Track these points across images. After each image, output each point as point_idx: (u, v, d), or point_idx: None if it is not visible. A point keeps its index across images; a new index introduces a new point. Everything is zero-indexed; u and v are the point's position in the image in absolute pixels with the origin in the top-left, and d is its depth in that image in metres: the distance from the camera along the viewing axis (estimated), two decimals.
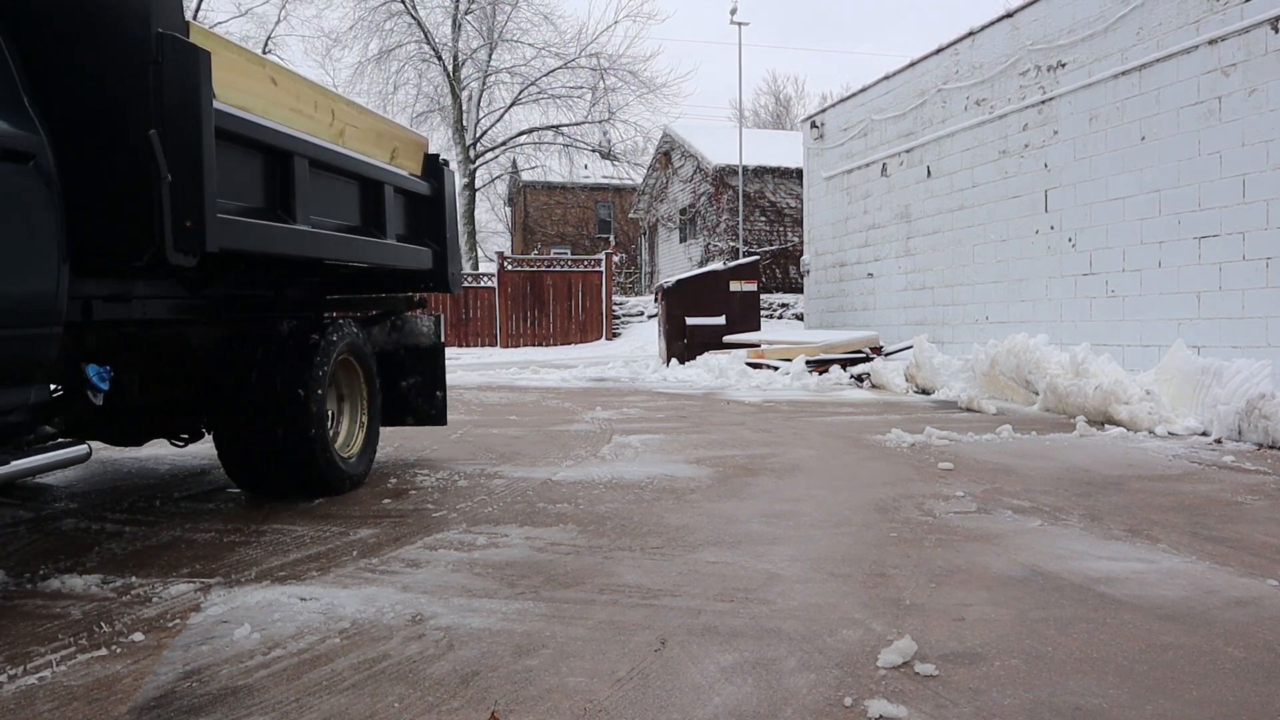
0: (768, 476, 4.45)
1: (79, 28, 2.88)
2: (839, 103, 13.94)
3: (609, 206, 36.45)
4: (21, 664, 2.10)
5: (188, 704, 1.88)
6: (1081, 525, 3.39)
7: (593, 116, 24.83)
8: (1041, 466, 4.66)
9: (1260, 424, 5.27)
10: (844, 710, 1.84)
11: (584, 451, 5.30)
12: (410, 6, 23.74)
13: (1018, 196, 9.82)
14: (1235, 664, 2.06)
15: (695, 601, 2.51)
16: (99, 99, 2.86)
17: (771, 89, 58.46)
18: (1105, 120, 8.58)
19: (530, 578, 2.74)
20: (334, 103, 4.08)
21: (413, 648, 2.18)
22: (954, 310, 11.00)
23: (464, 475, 4.48)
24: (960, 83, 10.77)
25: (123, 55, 2.85)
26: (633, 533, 3.30)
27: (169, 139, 2.84)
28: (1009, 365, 7.65)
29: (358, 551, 3.07)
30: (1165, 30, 7.89)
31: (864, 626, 2.31)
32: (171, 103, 2.87)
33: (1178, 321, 7.77)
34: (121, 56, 2.85)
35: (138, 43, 2.84)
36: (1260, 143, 7.01)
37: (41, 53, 2.83)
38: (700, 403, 8.29)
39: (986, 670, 2.03)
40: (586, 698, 1.90)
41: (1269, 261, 6.97)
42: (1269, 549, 3.04)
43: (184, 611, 2.46)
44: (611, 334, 20.74)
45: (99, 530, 3.45)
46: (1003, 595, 2.56)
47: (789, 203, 22.35)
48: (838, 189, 13.78)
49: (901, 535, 3.26)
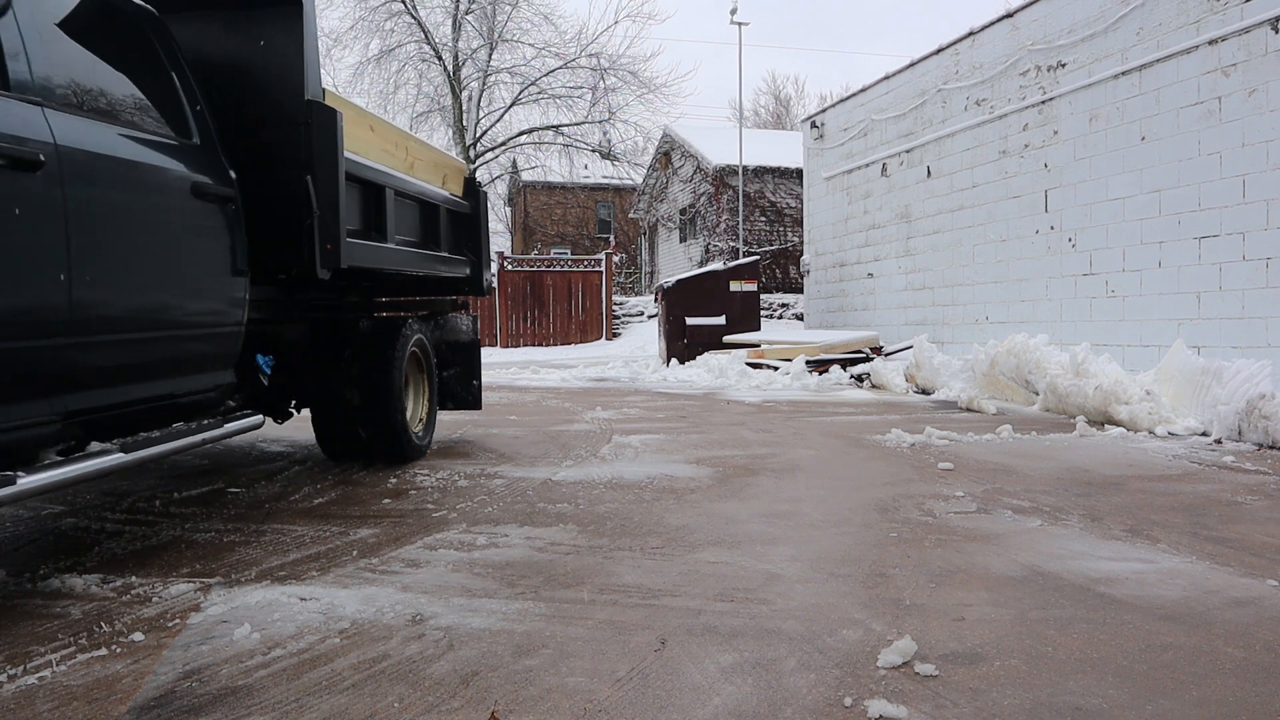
0: (768, 476, 4.45)
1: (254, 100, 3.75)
2: (839, 103, 13.94)
3: (609, 206, 36.45)
4: (21, 664, 2.10)
5: (188, 704, 1.88)
6: (1081, 525, 3.39)
7: (593, 116, 24.81)
8: (1041, 466, 4.66)
9: (1260, 424, 5.27)
10: (844, 710, 1.84)
11: (584, 451, 5.30)
12: (410, 6, 23.73)
13: (1018, 196, 9.82)
14: (1235, 664, 2.06)
15: (695, 601, 2.51)
16: (267, 153, 3.71)
17: (771, 89, 58.46)
18: (1105, 120, 8.58)
19: (530, 578, 2.74)
20: (408, 141, 4.99)
21: (413, 648, 2.18)
22: (954, 310, 11.00)
23: (464, 475, 4.48)
24: (960, 83, 10.77)
25: (285, 119, 3.73)
26: (633, 533, 3.30)
27: (316, 182, 3.70)
28: (1009, 365, 7.65)
29: (358, 551, 3.07)
30: (1165, 30, 7.89)
31: (864, 626, 2.31)
32: (318, 153, 3.72)
33: (1178, 322, 7.77)
34: (284, 120, 3.73)
35: (294, 110, 3.72)
36: (1260, 143, 7.01)
37: (229, 120, 3.65)
38: (700, 403, 8.29)
39: (986, 670, 2.03)
40: (586, 698, 1.90)
41: (1269, 262, 6.97)
42: (1269, 549, 3.04)
43: (184, 611, 2.46)
44: (611, 334, 20.74)
45: (99, 530, 3.45)
46: (1003, 595, 2.56)
47: (789, 203, 22.35)
48: (838, 189, 13.78)
49: (901, 535, 3.26)
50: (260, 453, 5.37)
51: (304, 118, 3.71)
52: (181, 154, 3.27)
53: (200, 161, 3.36)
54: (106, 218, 2.81)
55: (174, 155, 3.22)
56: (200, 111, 3.49)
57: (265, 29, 3.81)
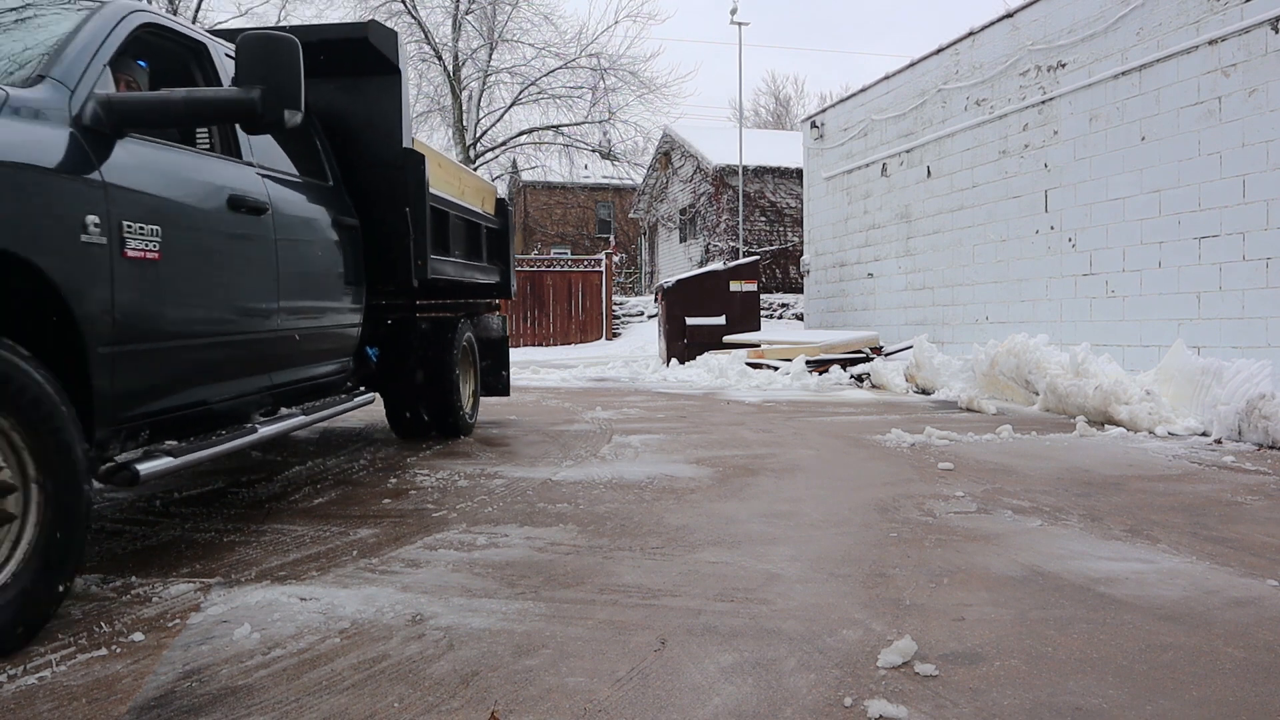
0: (768, 476, 4.45)
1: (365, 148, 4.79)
2: (839, 103, 13.94)
3: (609, 206, 36.44)
4: (21, 664, 2.09)
5: (188, 704, 1.88)
6: (1081, 525, 3.39)
7: (593, 116, 24.79)
8: (1041, 466, 4.66)
9: (1260, 424, 5.27)
10: (844, 710, 1.84)
11: (584, 451, 5.30)
12: (410, 6, 23.72)
13: (1018, 196, 9.82)
14: (1235, 664, 2.06)
15: (695, 601, 2.51)
16: (375, 190, 4.80)
17: (771, 89, 58.53)
18: (1105, 120, 8.58)
19: (530, 578, 2.74)
20: (460, 172, 6.02)
21: (413, 648, 2.18)
22: (954, 310, 11.00)
23: (464, 475, 4.48)
24: (960, 83, 10.77)
25: (388, 163, 4.84)
26: (633, 533, 3.30)
27: (412, 212, 4.80)
28: (1009, 365, 7.65)
29: (357, 551, 3.07)
30: (1165, 30, 7.89)
31: (864, 626, 2.31)
32: (412, 190, 4.83)
33: (1178, 322, 7.77)
34: (388, 164, 4.84)
35: (394, 156, 4.86)
36: (1260, 143, 7.01)
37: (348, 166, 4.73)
38: (700, 403, 8.29)
39: (986, 670, 2.03)
40: (586, 698, 1.90)
41: (1269, 262, 6.97)
42: (1269, 549, 3.04)
43: (184, 611, 2.45)
44: (611, 334, 20.74)
45: (99, 530, 3.44)
46: (1003, 595, 2.56)
47: (789, 203, 22.35)
48: (838, 189, 13.78)
49: (901, 535, 3.26)
50: (260, 453, 5.37)
51: (401, 162, 4.83)
52: (325, 195, 4.37)
53: (336, 200, 4.47)
54: (295, 244, 3.87)
55: (323, 196, 4.33)
56: (331, 159, 4.60)
57: (372, 92, 4.92)
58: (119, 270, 2.61)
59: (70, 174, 2.48)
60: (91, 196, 2.53)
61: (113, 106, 2.72)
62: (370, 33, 4.74)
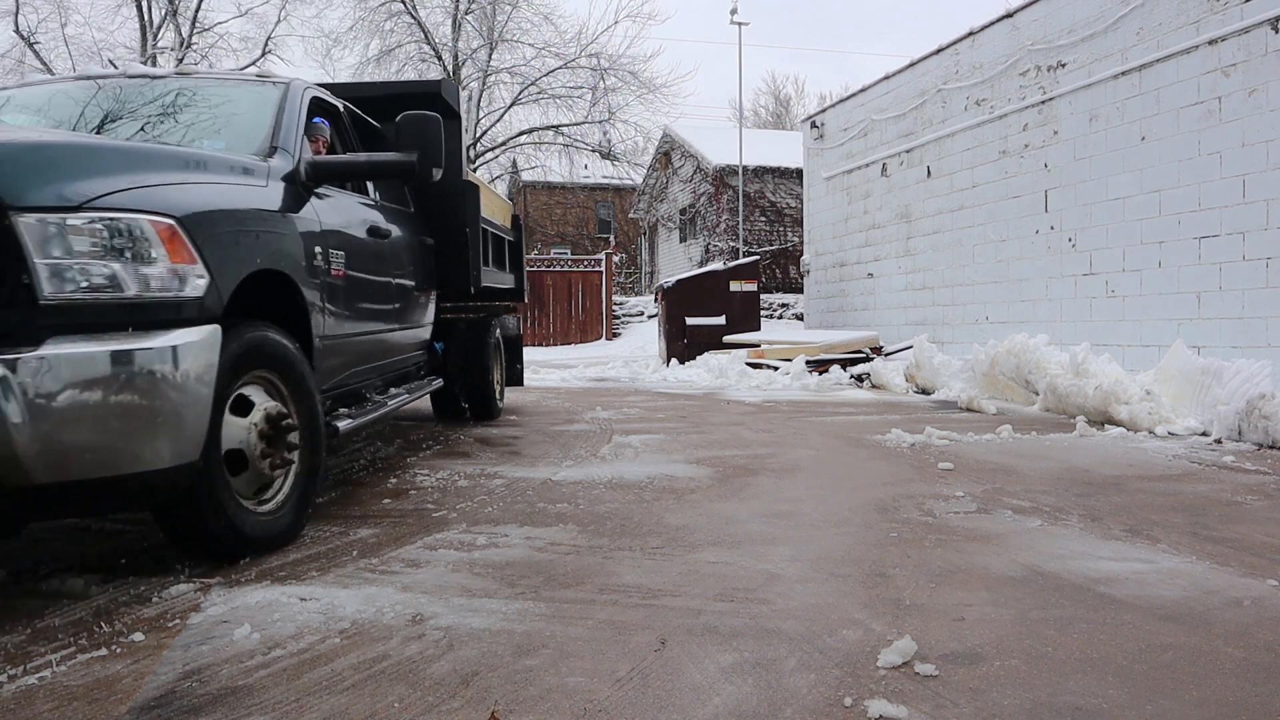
0: (768, 476, 4.45)
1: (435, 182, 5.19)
2: (839, 103, 13.94)
3: (609, 206, 36.44)
4: (21, 664, 2.10)
5: (188, 704, 1.88)
6: (1081, 525, 3.39)
7: (593, 116, 24.79)
8: (1041, 466, 4.66)
9: (1260, 424, 5.27)
10: (844, 710, 1.84)
11: (584, 451, 5.30)
12: (410, 7, 23.73)
13: (1018, 196, 9.82)
14: (1235, 664, 2.06)
15: (695, 601, 2.51)
16: (441, 214, 5.72)
17: (771, 89, 58.54)
18: (1105, 120, 8.58)
19: (530, 578, 2.74)
20: (492, 195, 6.92)
21: (413, 648, 2.18)
22: (954, 310, 11.00)
23: (464, 475, 4.48)
24: (960, 83, 10.77)
25: (451, 192, 5.74)
26: (633, 533, 3.30)
27: (469, 233, 5.80)
28: (1009, 365, 7.65)
29: (357, 551, 3.07)
30: (1165, 30, 7.89)
31: (864, 626, 2.31)
32: (469, 214, 5.83)
33: (1178, 322, 7.77)
34: (451, 193, 5.75)
35: (456, 185, 5.75)
36: (1260, 143, 7.01)
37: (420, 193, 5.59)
38: (700, 403, 8.29)
39: (986, 670, 2.03)
40: (586, 698, 1.90)
41: (1269, 261, 6.97)
42: (1269, 549, 3.04)
43: (184, 611, 2.45)
44: (611, 334, 20.73)
45: (99, 530, 3.45)
46: (1003, 595, 2.56)
47: (789, 203, 22.35)
48: (838, 189, 13.78)
49: (901, 535, 3.26)
50: None
51: (462, 190, 5.79)
52: (412, 220, 5.32)
53: (416, 223, 5.38)
54: (401, 261, 4.83)
55: (410, 221, 5.25)
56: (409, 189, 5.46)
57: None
58: (327, 284, 3.64)
59: (304, 217, 3.51)
60: (315, 231, 3.57)
61: (317, 167, 3.73)
62: (443, 88, 5.77)
